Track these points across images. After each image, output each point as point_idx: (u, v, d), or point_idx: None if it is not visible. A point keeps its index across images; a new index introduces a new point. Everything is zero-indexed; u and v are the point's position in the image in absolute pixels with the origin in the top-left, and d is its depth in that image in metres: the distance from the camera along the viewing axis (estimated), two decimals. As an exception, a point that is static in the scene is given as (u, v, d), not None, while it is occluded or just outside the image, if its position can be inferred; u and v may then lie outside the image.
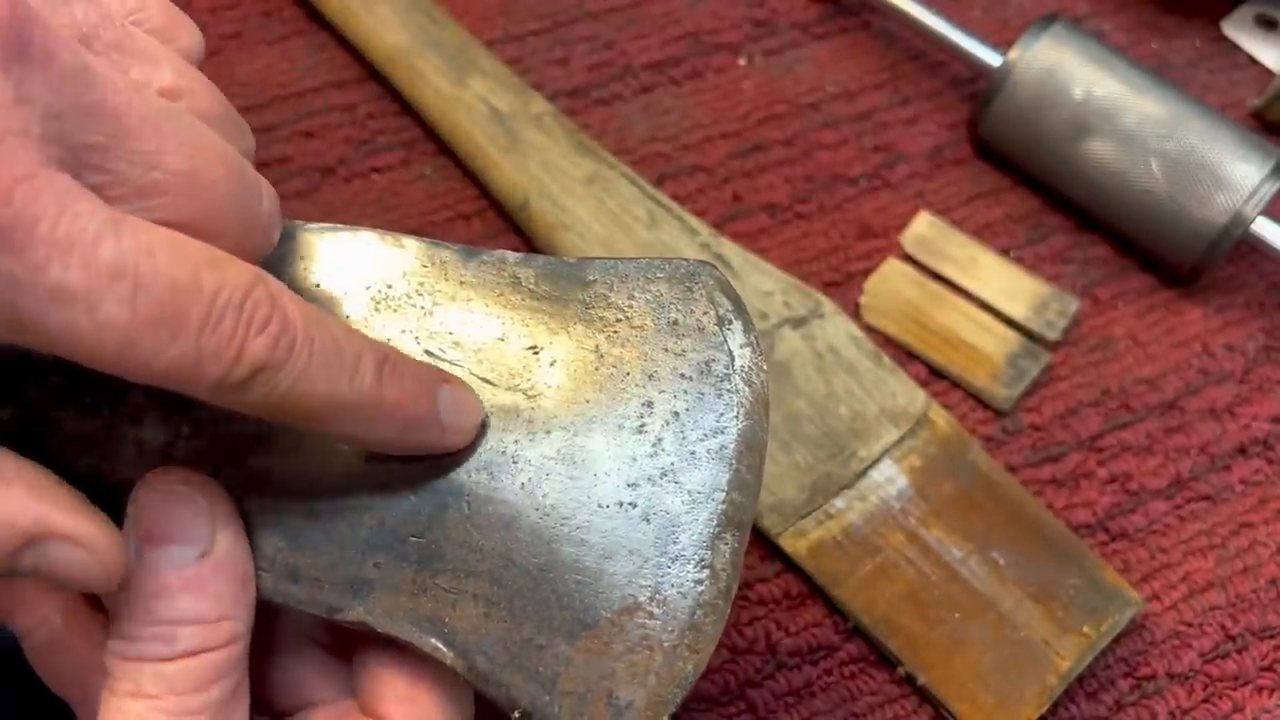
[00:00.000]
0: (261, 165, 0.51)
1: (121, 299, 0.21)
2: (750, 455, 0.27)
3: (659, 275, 0.29)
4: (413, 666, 0.28)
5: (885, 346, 0.49)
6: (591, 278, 0.29)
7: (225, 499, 0.27)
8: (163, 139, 0.23)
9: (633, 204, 0.49)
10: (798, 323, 0.47)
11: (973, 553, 0.43)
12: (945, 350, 0.49)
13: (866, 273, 0.51)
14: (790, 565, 0.43)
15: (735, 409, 0.27)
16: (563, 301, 0.29)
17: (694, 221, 0.49)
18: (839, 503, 0.43)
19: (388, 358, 0.25)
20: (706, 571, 0.26)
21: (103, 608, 0.30)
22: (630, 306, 0.29)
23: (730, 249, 0.48)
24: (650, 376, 0.28)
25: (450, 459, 0.28)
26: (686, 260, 0.29)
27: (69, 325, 0.21)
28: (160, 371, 0.22)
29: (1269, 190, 0.48)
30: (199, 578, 0.25)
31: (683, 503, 0.27)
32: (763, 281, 0.47)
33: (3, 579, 0.29)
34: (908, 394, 0.46)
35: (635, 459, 0.27)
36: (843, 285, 0.51)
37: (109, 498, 0.25)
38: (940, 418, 0.46)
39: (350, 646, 0.30)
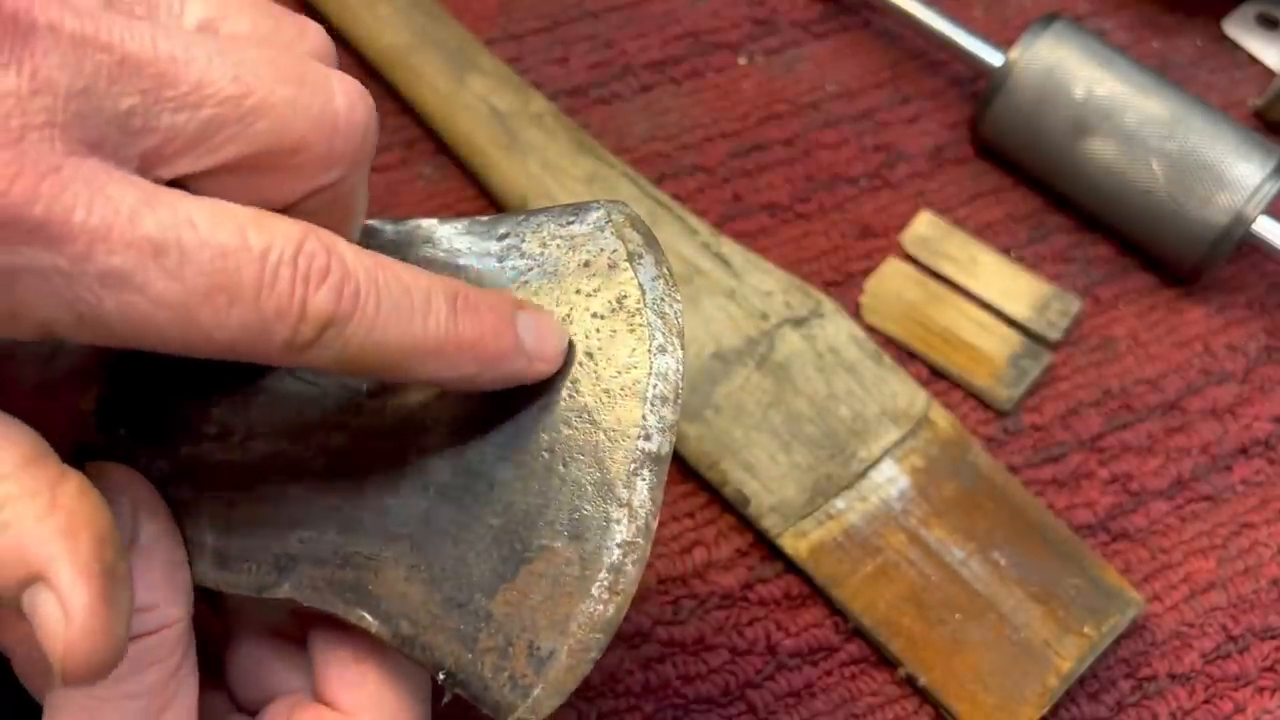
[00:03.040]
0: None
1: (170, 272, 0.20)
2: (664, 386, 0.27)
3: (570, 220, 0.29)
4: (358, 650, 0.28)
5: (886, 346, 0.49)
6: (503, 231, 0.29)
7: (148, 488, 0.27)
8: (200, 71, 0.22)
9: (633, 203, 0.49)
10: (798, 323, 0.46)
11: (974, 553, 0.43)
12: (946, 350, 0.49)
13: (867, 272, 0.51)
14: (790, 566, 0.43)
15: (647, 341, 0.27)
16: (476, 256, 0.29)
17: (694, 221, 0.49)
18: (839, 503, 0.43)
19: (459, 292, 0.25)
20: (624, 510, 0.26)
21: None
22: (542, 254, 0.28)
23: (730, 249, 0.48)
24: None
25: (366, 426, 0.27)
26: (596, 201, 0.29)
27: (126, 309, 0.20)
28: (227, 342, 0.21)
29: (1270, 190, 0.48)
30: None
31: (598, 443, 0.26)
32: (763, 281, 0.47)
33: None
34: (908, 394, 0.46)
35: (550, 405, 0.27)
36: (843, 285, 0.50)
37: None
38: (941, 418, 0.45)
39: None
